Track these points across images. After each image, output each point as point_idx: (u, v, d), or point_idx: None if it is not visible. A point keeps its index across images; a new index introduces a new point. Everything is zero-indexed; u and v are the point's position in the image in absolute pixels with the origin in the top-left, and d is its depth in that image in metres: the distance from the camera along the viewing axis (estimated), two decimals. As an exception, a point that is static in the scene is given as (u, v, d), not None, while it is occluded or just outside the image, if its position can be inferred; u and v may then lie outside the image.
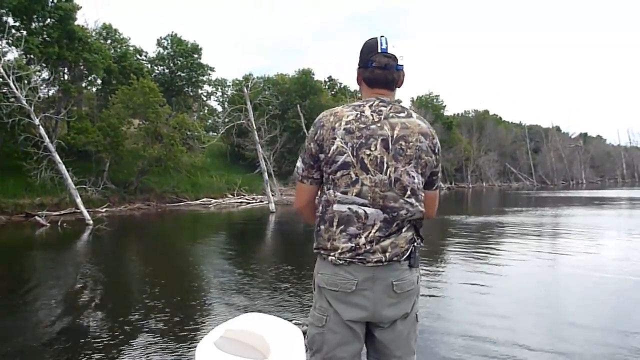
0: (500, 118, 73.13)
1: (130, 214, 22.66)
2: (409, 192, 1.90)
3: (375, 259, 1.86)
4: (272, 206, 24.07)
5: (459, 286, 7.78)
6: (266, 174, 26.09)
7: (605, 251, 11.31)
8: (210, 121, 40.16)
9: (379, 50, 1.93)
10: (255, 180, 32.42)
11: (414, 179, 1.91)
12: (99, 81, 28.46)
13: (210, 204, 28.54)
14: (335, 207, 1.89)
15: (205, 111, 40.32)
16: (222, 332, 1.79)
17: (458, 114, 66.32)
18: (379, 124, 1.89)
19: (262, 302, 6.68)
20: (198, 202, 28.36)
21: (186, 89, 34.95)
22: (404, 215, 1.89)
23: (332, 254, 1.89)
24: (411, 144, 1.90)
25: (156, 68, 34.01)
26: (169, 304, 6.63)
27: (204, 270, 9.68)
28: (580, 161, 77.36)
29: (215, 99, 42.51)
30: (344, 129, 1.88)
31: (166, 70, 33.97)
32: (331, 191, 1.91)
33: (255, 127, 26.30)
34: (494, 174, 61.86)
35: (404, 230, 1.91)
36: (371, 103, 1.94)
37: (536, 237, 13.90)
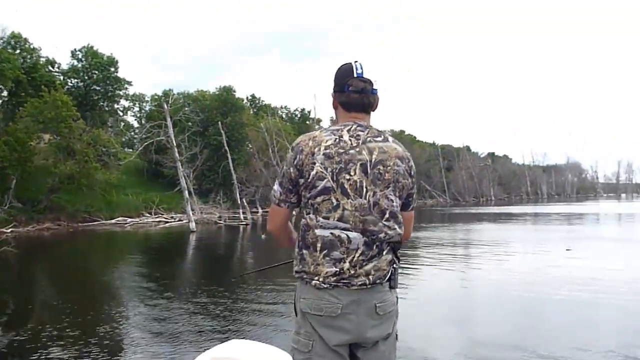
0: (415, 137, 75.83)
1: (39, 234, 21.40)
2: (387, 215, 1.93)
3: (360, 282, 1.88)
4: (192, 225, 23.55)
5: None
6: (187, 192, 25.55)
7: (510, 265, 11.95)
8: (124, 138, 38.81)
9: (355, 75, 1.98)
10: (174, 198, 31.61)
11: (392, 202, 1.95)
12: (5, 93, 26.80)
13: (126, 224, 27.51)
14: (318, 232, 1.89)
15: (122, 126, 38.94)
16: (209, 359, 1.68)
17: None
18: (357, 149, 1.92)
19: (191, 328, 6.48)
20: (113, 221, 27.23)
21: (102, 103, 33.62)
22: (382, 237, 1.92)
23: (315, 278, 1.90)
24: (389, 168, 1.94)
25: (69, 81, 32.46)
26: (82, 334, 6.24)
27: (121, 295, 9.19)
28: (489, 179, 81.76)
29: (133, 114, 41.28)
30: (324, 154, 1.89)
31: (80, 84, 32.50)
32: (312, 216, 1.91)
33: (175, 144, 25.71)
34: (410, 191, 63.91)
35: (384, 253, 1.94)
36: (349, 127, 1.97)
37: (449, 252, 14.47)
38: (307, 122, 55.21)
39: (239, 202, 31.93)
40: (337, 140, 1.92)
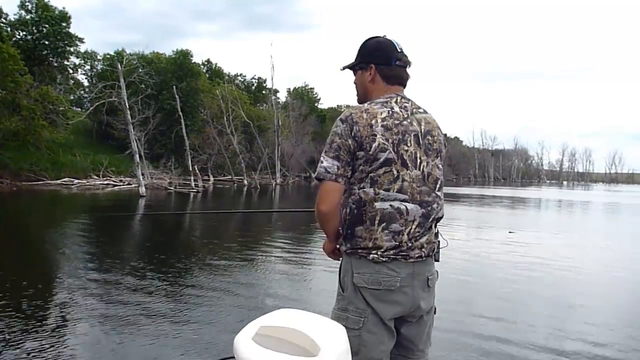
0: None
1: (-20, 192, 20.70)
2: (438, 185, 1.99)
3: (417, 255, 1.91)
4: (142, 189, 23.26)
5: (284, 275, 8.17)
6: (137, 155, 25.14)
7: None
8: (72, 96, 37.52)
9: (398, 50, 2.03)
10: (124, 161, 31.07)
11: (441, 171, 2.03)
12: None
13: (73, 185, 26.95)
14: (378, 204, 1.88)
15: (71, 84, 37.64)
16: (256, 328, 1.67)
17: (332, 108, 68.20)
18: (408, 120, 1.96)
19: (135, 305, 6.56)
20: (59, 181, 26.65)
21: (51, 58, 32.36)
22: (435, 208, 1.97)
23: (373, 252, 1.88)
24: (435, 137, 2.02)
25: (17, 33, 31.08)
26: (15, 300, 6.21)
27: (61, 261, 8.71)
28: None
29: (83, 72, 39.86)
30: (382, 125, 1.90)
31: (29, 37, 31.13)
32: (368, 189, 1.90)
33: (127, 106, 25.15)
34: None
35: (433, 225, 1.99)
36: (395, 99, 2.00)
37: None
38: (264, 92, 54.80)
39: (191, 169, 31.67)
40: (391, 112, 1.94)
